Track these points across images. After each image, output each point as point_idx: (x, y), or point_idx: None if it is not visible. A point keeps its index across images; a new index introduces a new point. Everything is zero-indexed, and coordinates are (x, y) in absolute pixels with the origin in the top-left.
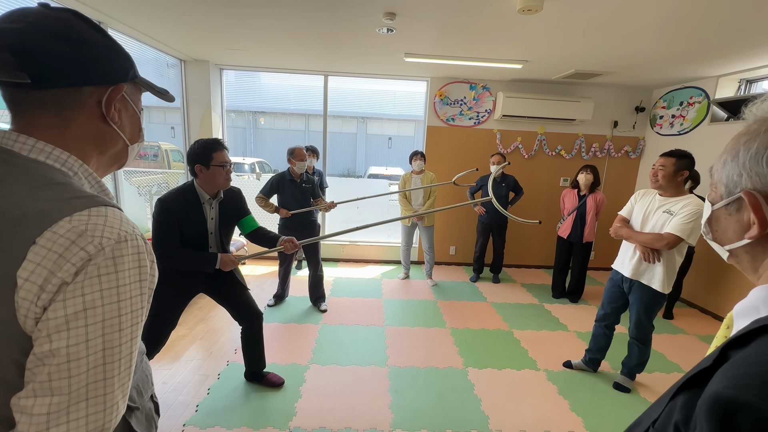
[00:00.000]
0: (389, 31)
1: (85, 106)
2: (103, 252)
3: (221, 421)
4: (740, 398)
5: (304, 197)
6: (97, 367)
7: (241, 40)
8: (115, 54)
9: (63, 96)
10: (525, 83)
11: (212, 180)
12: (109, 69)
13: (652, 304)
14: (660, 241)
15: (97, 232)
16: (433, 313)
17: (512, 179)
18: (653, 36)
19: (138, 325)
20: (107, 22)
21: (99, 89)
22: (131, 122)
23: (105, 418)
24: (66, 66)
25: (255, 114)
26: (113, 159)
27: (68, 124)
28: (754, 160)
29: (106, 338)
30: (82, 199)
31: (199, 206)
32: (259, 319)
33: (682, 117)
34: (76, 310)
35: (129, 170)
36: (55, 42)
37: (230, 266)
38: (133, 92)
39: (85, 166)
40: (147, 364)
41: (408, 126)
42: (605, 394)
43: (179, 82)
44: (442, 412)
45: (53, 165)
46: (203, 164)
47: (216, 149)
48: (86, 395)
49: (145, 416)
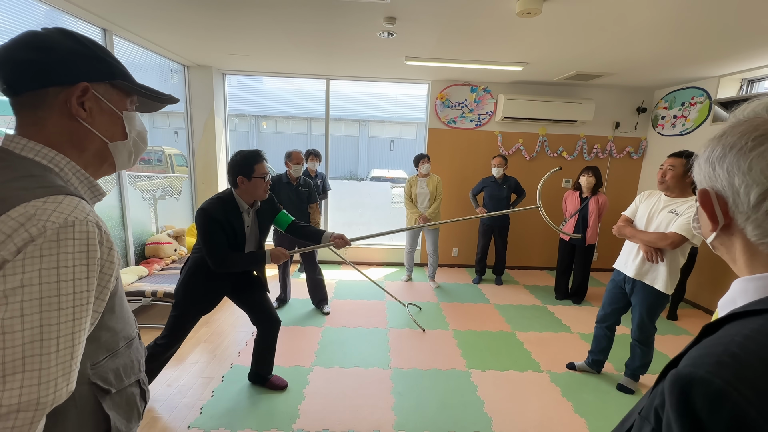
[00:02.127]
0: (390, 35)
1: (54, 105)
2: (44, 234)
3: (225, 423)
4: (695, 374)
5: (300, 200)
6: (33, 342)
7: (243, 46)
8: (81, 57)
9: (34, 98)
10: (526, 85)
11: (253, 191)
12: (73, 70)
13: (654, 305)
14: (664, 240)
15: (44, 216)
16: (436, 315)
17: (514, 181)
18: (654, 37)
19: (83, 307)
20: (113, 29)
21: (65, 89)
22: (109, 120)
23: (40, 392)
24: (31, 71)
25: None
26: (98, 157)
27: (44, 122)
28: (707, 162)
29: (43, 315)
30: (46, 188)
31: (239, 215)
32: (276, 325)
33: (684, 117)
34: (13, 286)
35: (133, 174)
36: (24, 51)
37: (282, 259)
38: (109, 92)
39: (72, 163)
40: (137, 349)
41: (410, 129)
42: (609, 396)
43: (183, 87)
44: (445, 414)
45: (39, 161)
46: (245, 176)
47: (258, 161)
48: (22, 368)
49: (125, 401)
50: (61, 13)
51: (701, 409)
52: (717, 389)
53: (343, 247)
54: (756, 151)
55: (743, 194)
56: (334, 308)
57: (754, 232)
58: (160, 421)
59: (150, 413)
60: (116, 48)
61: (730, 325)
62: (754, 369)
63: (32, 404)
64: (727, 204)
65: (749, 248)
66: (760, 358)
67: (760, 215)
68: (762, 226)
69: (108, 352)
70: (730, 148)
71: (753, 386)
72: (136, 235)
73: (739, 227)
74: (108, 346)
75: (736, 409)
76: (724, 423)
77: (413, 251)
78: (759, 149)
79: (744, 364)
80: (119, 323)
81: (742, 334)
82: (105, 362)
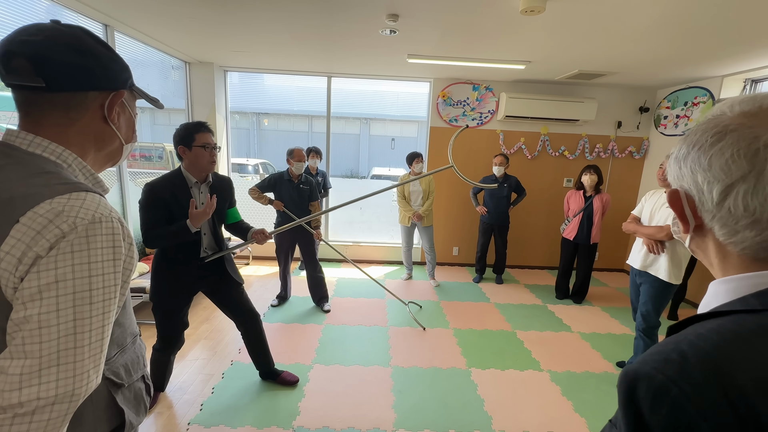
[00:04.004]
0: (392, 33)
1: (89, 108)
2: (75, 230)
3: (226, 420)
4: (641, 370)
5: (301, 198)
6: (68, 336)
7: (244, 43)
8: (118, 65)
9: (72, 99)
10: (528, 84)
11: (196, 162)
12: (112, 77)
13: (659, 295)
14: (661, 232)
15: (72, 212)
16: (436, 314)
17: (514, 180)
18: (658, 36)
19: (111, 301)
20: (114, 25)
21: (102, 94)
22: (127, 124)
23: (75, 384)
24: (77, 73)
25: (259, 115)
26: (109, 156)
27: (72, 123)
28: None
29: (77, 309)
30: (66, 185)
31: (186, 190)
32: (256, 319)
33: (687, 117)
34: (48, 281)
35: (134, 171)
36: (69, 53)
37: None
38: (130, 98)
39: (79, 159)
40: (141, 346)
41: (411, 127)
42: (609, 395)
43: (184, 83)
44: (445, 413)
45: (48, 157)
46: (186, 146)
47: (199, 130)
48: (57, 361)
49: (134, 395)
50: (62, 8)
51: (643, 403)
52: (658, 384)
53: (265, 241)
54: (715, 147)
55: (707, 192)
56: (335, 306)
57: (721, 231)
58: (160, 418)
59: (150, 410)
60: (117, 44)
61: (691, 327)
62: (699, 366)
63: (67, 396)
64: (695, 204)
65: (720, 249)
66: (706, 355)
67: (723, 213)
68: (727, 224)
69: (119, 347)
70: (692, 146)
71: (694, 383)
72: (136, 231)
73: (708, 227)
74: (119, 341)
75: (674, 404)
76: (662, 418)
77: (410, 249)
78: (718, 145)
79: (689, 362)
80: (127, 319)
81: (696, 332)
82: (116, 357)
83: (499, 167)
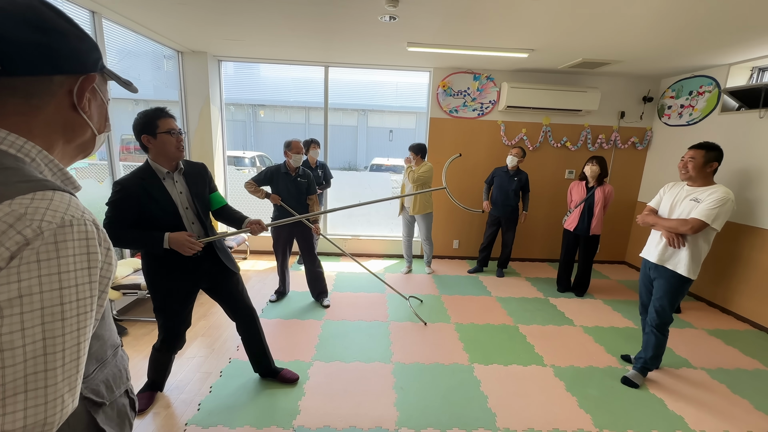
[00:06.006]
0: (392, 19)
1: (55, 94)
2: (41, 236)
3: (224, 420)
4: None
5: (299, 192)
6: (36, 358)
7: (238, 30)
8: (86, 44)
9: (33, 84)
10: (530, 73)
11: (163, 150)
12: (81, 59)
13: (676, 290)
14: (685, 225)
15: (37, 215)
16: (437, 308)
17: (525, 176)
18: (663, 22)
19: (87, 315)
20: (101, 12)
21: (70, 78)
22: (99, 112)
23: (47, 411)
24: (37, 54)
25: (255, 107)
26: (80, 148)
27: (36, 112)
28: None
29: (46, 327)
30: (29, 183)
31: (158, 182)
32: (254, 315)
33: (692, 107)
34: (10, 297)
35: (128, 164)
36: (28, 30)
37: (188, 246)
38: (101, 82)
39: (44, 153)
40: (123, 358)
41: (409, 118)
42: (614, 391)
43: (177, 74)
44: (449, 410)
45: (7, 150)
46: (149, 134)
47: (160, 116)
48: (24, 387)
49: (117, 413)
50: None
51: None
52: None
53: (260, 232)
54: None
55: None
56: (334, 301)
57: None
58: (157, 419)
59: (146, 410)
60: (106, 32)
61: None
62: None
63: (38, 425)
64: None
65: None
66: None
67: None
68: None
69: (98, 362)
70: None
71: None
72: None
73: None
74: (98, 356)
75: None
76: None
77: (410, 240)
78: None
79: None
80: (107, 331)
81: None
82: (95, 374)
83: (513, 158)
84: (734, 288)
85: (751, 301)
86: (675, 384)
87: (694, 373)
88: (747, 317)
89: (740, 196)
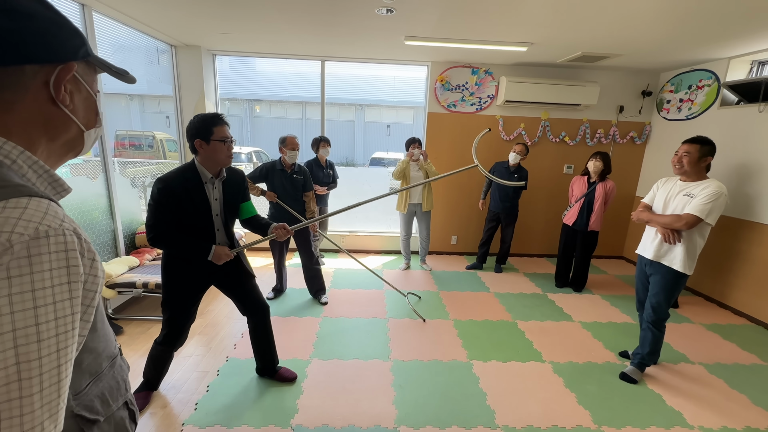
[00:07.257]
0: (389, 12)
1: (29, 87)
2: (11, 250)
3: (221, 419)
4: None
5: (294, 188)
6: (10, 384)
7: (232, 23)
8: (63, 29)
9: (2, 76)
10: (529, 67)
11: (213, 156)
12: (56, 46)
13: (672, 286)
14: (679, 221)
15: (6, 226)
16: (436, 304)
17: (525, 173)
18: (663, 14)
19: (69, 334)
20: (91, 5)
21: (45, 68)
22: (86, 105)
23: None
24: (4, 42)
25: (251, 102)
26: (68, 146)
27: (9, 107)
28: None
29: (19, 351)
30: (1, 189)
31: (201, 186)
32: (267, 312)
33: (691, 101)
34: None
35: (123, 161)
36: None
37: (224, 259)
38: (86, 72)
39: (27, 153)
40: (121, 368)
41: (407, 113)
42: (612, 387)
43: (170, 68)
44: (447, 407)
45: None
46: (203, 139)
47: (216, 123)
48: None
49: (114, 427)
50: None
51: None
52: None
53: (286, 236)
54: None
55: None
56: (332, 298)
57: None
58: (153, 419)
59: (142, 411)
60: (96, 26)
61: None
62: None
63: None
64: None
65: None
66: None
67: None
68: None
69: (92, 376)
70: None
71: None
72: (125, 224)
73: None
74: (91, 369)
75: None
76: None
77: (409, 238)
78: None
79: None
80: (101, 342)
81: None
82: (89, 389)
83: (516, 155)
84: (732, 283)
85: (748, 295)
86: (673, 379)
87: (692, 368)
88: (745, 312)
89: (739, 190)
